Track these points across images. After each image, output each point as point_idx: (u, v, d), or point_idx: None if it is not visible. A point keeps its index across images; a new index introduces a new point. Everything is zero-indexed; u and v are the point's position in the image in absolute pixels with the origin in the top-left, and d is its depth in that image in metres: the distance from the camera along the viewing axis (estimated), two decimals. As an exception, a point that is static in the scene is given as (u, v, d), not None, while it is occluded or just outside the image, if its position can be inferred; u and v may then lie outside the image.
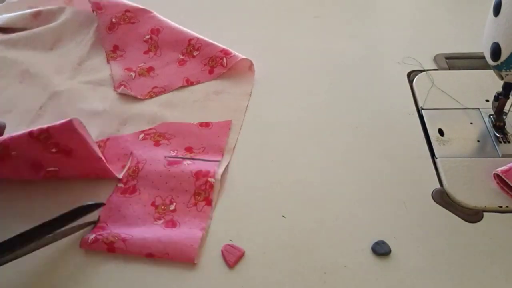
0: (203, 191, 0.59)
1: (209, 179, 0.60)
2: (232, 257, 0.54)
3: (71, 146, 0.57)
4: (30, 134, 0.56)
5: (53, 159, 0.58)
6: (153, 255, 0.53)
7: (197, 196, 0.59)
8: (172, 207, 0.59)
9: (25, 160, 0.59)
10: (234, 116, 0.70)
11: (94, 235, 0.55)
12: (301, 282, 0.52)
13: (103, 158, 0.60)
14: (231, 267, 0.53)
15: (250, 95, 0.74)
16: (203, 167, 0.62)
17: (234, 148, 0.66)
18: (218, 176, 0.61)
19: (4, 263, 0.50)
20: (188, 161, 0.63)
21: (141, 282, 0.52)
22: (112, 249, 0.54)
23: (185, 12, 0.91)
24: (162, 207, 0.59)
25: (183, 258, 0.53)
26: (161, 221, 0.57)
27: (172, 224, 0.57)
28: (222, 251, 0.54)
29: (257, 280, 0.52)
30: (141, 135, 0.68)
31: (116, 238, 0.54)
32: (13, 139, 0.56)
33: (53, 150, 0.57)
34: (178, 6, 0.93)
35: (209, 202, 0.59)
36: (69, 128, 0.56)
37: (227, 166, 0.63)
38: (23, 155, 0.58)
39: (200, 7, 0.92)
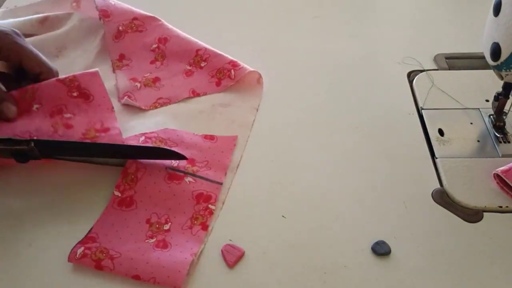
0: (201, 216, 0.58)
1: (209, 206, 0.59)
2: (232, 257, 0.54)
3: (91, 89, 0.65)
4: (58, 79, 0.65)
5: (72, 104, 0.64)
6: (139, 277, 0.52)
7: (194, 220, 0.58)
8: (166, 227, 0.57)
9: (45, 111, 0.63)
10: (240, 131, 0.68)
11: (82, 249, 0.54)
12: (301, 282, 0.52)
13: (114, 110, 0.65)
14: (231, 267, 0.53)
15: (257, 110, 0.71)
16: (204, 188, 0.60)
17: (238, 166, 0.64)
18: (220, 204, 0.59)
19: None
20: (190, 178, 0.61)
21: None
22: (100, 267, 0.53)
23: (184, 12, 0.91)
24: (157, 225, 0.57)
25: (169, 283, 0.51)
26: (153, 240, 0.56)
27: (164, 244, 0.55)
28: (222, 251, 0.54)
29: (257, 280, 0.52)
30: (142, 138, 0.65)
31: (104, 255, 0.53)
32: (42, 84, 0.64)
33: (75, 93, 0.64)
34: (177, 6, 0.93)
35: (205, 227, 0.57)
36: (93, 74, 0.66)
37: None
38: (46, 104, 0.64)
39: (198, 8, 0.92)
